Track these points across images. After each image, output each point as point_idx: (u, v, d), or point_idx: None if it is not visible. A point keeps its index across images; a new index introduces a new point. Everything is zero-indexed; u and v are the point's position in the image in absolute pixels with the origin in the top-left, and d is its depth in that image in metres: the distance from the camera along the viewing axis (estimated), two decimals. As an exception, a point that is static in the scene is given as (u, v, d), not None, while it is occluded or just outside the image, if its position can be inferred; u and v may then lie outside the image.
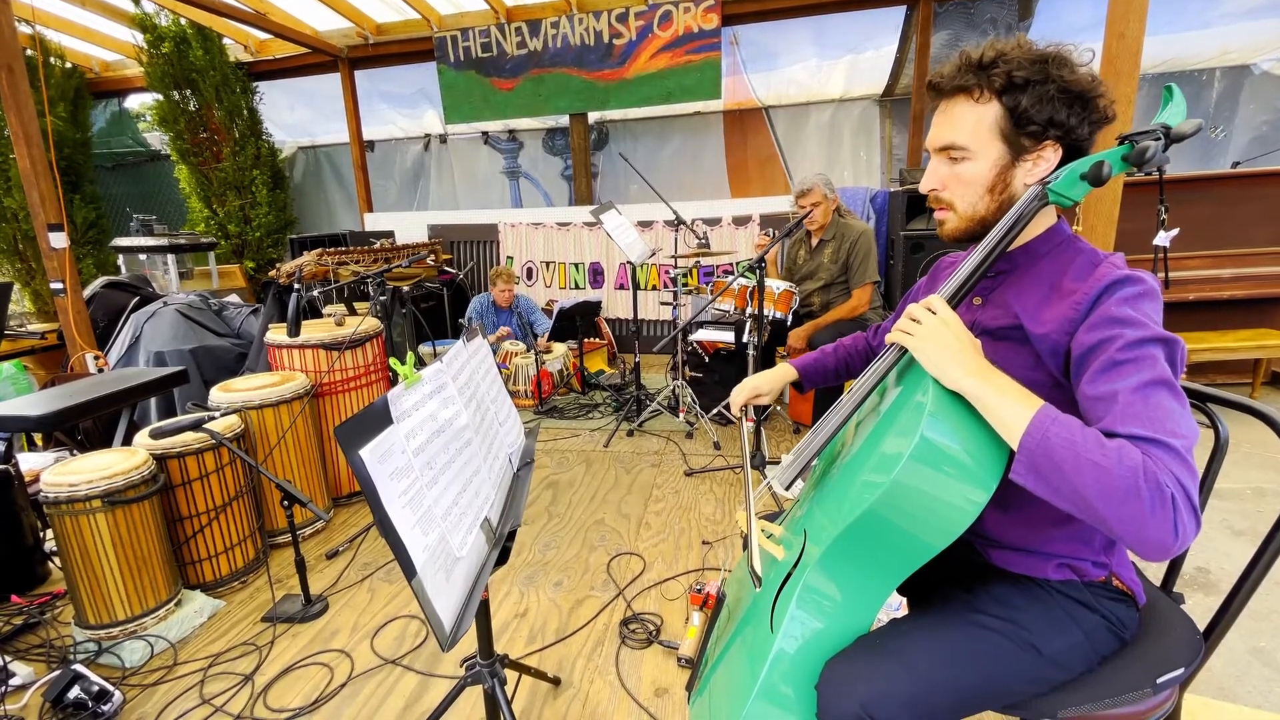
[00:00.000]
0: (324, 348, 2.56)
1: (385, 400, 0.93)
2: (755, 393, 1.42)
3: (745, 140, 5.62)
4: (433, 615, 0.86)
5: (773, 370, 1.48)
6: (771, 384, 1.43)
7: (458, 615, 0.92)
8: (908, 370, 1.04)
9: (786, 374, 1.46)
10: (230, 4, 4.84)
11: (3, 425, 2.10)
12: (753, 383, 1.43)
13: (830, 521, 1.04)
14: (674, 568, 2.16)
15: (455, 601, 0.93)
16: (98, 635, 1.81)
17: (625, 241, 3.10)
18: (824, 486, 1.17)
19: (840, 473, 1.13)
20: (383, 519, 0.84)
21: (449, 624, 0.89)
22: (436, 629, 0.86)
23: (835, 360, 1.48)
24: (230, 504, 2.07)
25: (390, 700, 1.63)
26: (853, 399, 1.09)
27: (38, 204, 3.24)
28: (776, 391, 1.44)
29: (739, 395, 1.42)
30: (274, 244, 5.98)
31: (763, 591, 1.14)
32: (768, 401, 1.45)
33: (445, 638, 0.87)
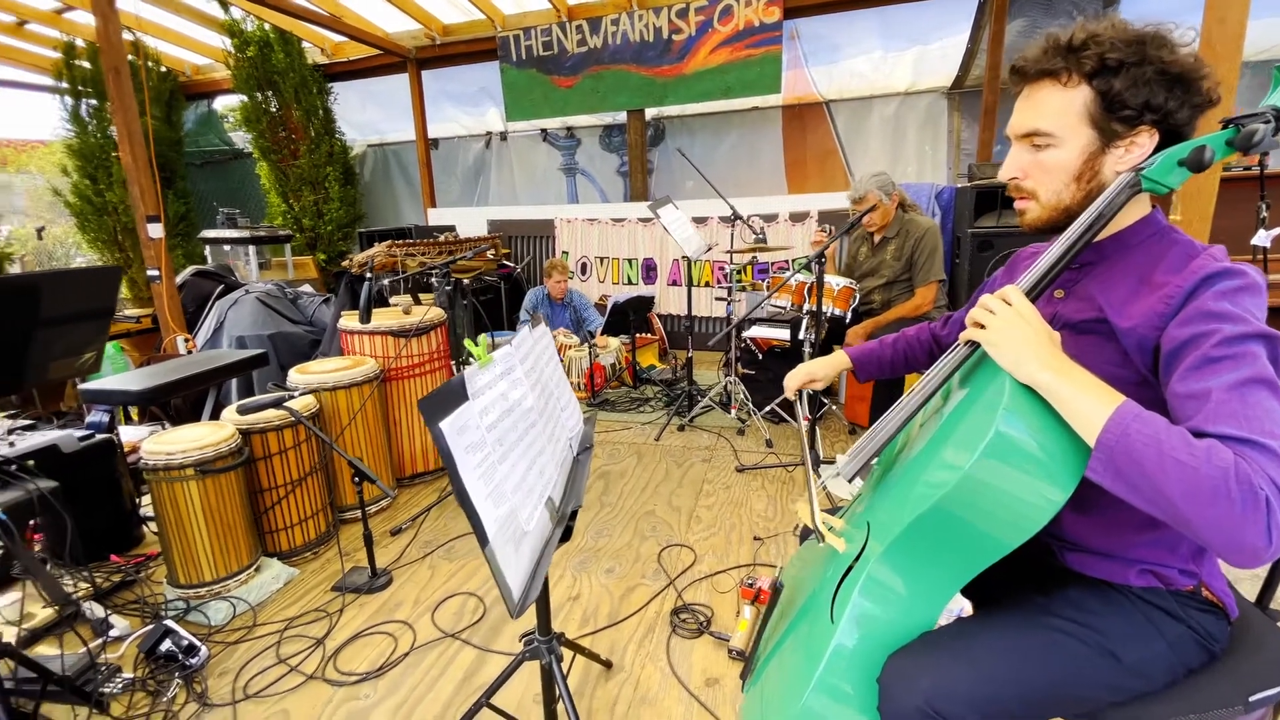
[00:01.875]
0: (392, 335, 2.67)
1: (462, 378, 0.98)
2: (809, 378, 1.42)
3: (804, 135, 5.53)
4: (503, 583, 0.90)
5: (827, 357, 1.47)
6: (826, 370, 1.42)
7: (525, 585, 0.95)
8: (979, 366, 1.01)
9: (840, 362, 1.45)
10: (308, 8, 5.09)
11: (108, 398, 2.29)
12: (807, 368, 1.43)
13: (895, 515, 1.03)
14: (725, 561, 2.16)
15: (523, 573, 0.97)
16: (187, 594, 1.96)
17: (682, 236, 3.11)
18: (888, 482, 1.15)
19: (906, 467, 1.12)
20: (460, 489, 0.88)
21: (518, 593, 0.92)
22: (506, 596, 0.90)
23: (894, 351, 1.45)
24: (305, 479, 2.20)
25: (450, 671, 1.70)
26: (921, 393, 1.07)
27: (138, 197, 3.50)
28: (831, 378, 1.43)
29: (793, 380, 1.42)
30: (344, 237, 6.27)
31: (822, 583, 1.13)
32: (821, 387, 1.44)
33: (514, 605, 0.90)
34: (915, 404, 1.07)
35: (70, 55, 5.96)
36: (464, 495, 0.88)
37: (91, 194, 6.20)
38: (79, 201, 6.22)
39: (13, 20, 5.64)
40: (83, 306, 1.45)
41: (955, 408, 1.03)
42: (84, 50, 5.98)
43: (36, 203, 7.52)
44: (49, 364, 1.46)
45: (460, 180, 6.77)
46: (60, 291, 1.37)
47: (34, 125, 9.77)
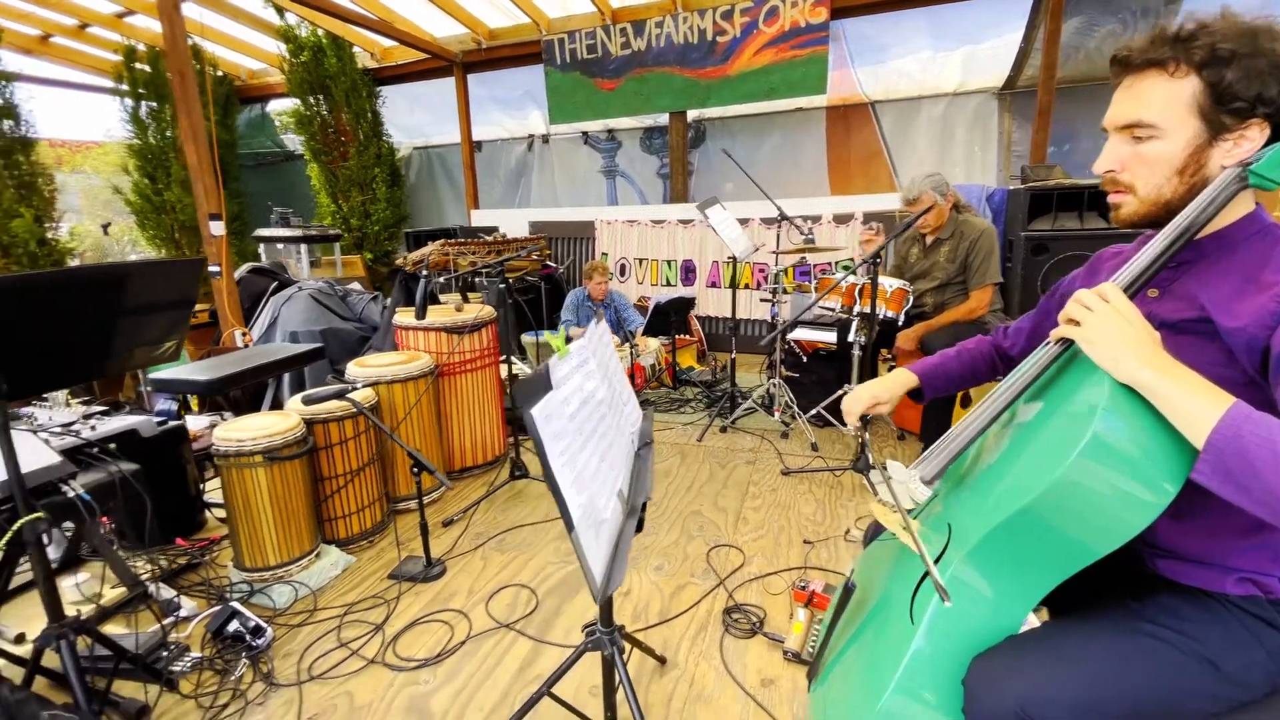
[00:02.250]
0: (446, 331, 2.72)
1: (547, 367, 0.99)
2: (875, 401, 1.31)
3: (848, 136, 5.47)
4: (587, 568, 0.91)
5: (890, 377, 1.38)
6: (891, 392, 1.32)
7: (606, 572, 0.96)
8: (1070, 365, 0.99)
9: (905, 380, 1.35)
10: (359, 13, 5.24)
11: (177, 387, 2.38)
12: (871, 391, 1.32)
13: (980, 518, 1.01)
14: (775, 564, 2.14)
15: (603, 560, 0.98)
16: (251, 578, 2.02)
17: (730, 236, 3.10)
18: (968, 485, 1.13)
19: (988, 470, 1.10)
20: (549, 474, 0.89)
21: (600, 579, 0.93)
22: (590, 581, 0.91)
23: (959, 365, 1.39)
24: (364, 469, 2.26)
25: (505, 661, 1.72)
26: (1007, 394, 1.05)
27: (201, 196, 3.64)
28: (897, 400, 1.33)
29: (856, 405, 1.31)
30: (389, 237, 6.42)
31: (898, 585, 1.12)
32: (887, 410, 1.36)
33: (598, 590, 0.91)
34: (1000, 405, 1.05)
35: (130, 59, 6.21)
36: (552, 480, 0.89)
37: (150, 193, 6.47)
38: (139, 200, 6.49)
39: (74, 23, 5.92)
40: (167, 296, 1.51)
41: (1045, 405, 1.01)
42: (144, 54, 6.23)
43: (92, 201, 7.88)
44: (133, 351, 1.52)
45: (502, 182, 6.87)
46: (146, 281, 1.44)
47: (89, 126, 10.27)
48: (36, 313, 1.24)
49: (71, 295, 1.31)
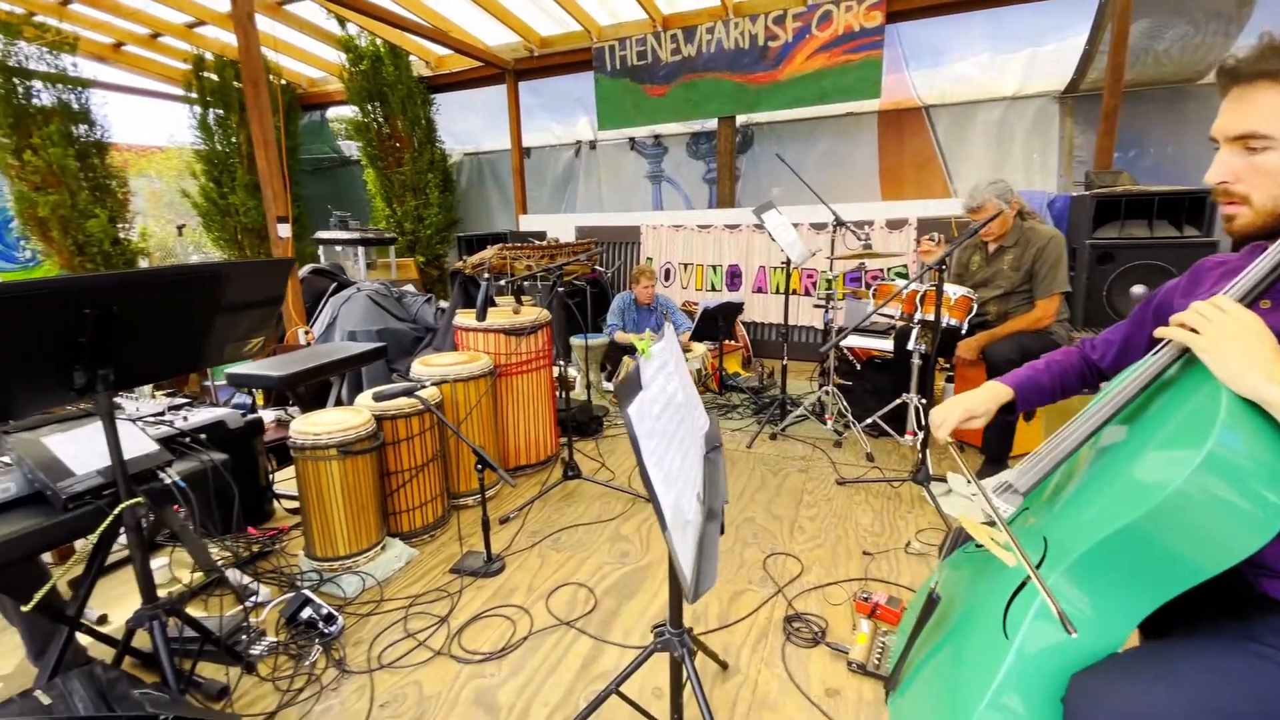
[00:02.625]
0: (504, 333, 2.78)
1: (638, 368, 1.01)
2: (969, 415, 1.27)
3: (901, 141, 5.37)
4: (679, 567, 0.91)
5: (982, 389, 1.33)
6: (985, 405, 1.27)
7: (695, 571, 0.97)
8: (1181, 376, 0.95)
9: (999, 394, 1.30)
10: (417, 22, 5.40)
11: (251, 383, 2.49)
12: (964, 405, 1.27)
13: (1080, 532, 0.98)
14: (834, 574, 2.11)
15: (689, 559, 0.98)
16: (321, 566, 2.09)
17: (786, 241, 3.08)
18: (1067, 497, 1.10)
19: (1088, 482, 1.07)
20: (644, 472, 0.90)
21: (690, 578, 0.94)
22: (682, 579, 0.91)
23: (1049, 378, 1.34)
24: (427, 464, 2.31)
25: (567, 659, 1.74)
26: (1111, 404, 1.01)
27: (270, 199, 3.80)
28: (991, 414, 1.28)
29: (949, 419, 1.27)
30: (441, 240, 6.58)
31: (988, 598, 1.09)
32: (980, 424, 1.32)
33: (690, 590, 0.92)
34: (1103, 418, 1.02)
35: (199, 67, 6.52)
36: (647, 478, 0.90)
37: (216, 196, 6.77)
38: (205, 203, 6.81)
39: (146, 33, 6.25)
40: (258, 295, 1.58)
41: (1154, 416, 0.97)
42: (212, 63, 6.53)
43: (155, 203, 8.28)
44: (226, 346, 1.60)
45: (549, 187, 6.97)
46: (241, 280, 1.51)
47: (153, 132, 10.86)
48: (146, 308, 1.32)
49: (177, 292, 1.38)
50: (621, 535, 2.40)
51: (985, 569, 1.18)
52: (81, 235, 5.64)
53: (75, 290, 1.19)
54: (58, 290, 1.17)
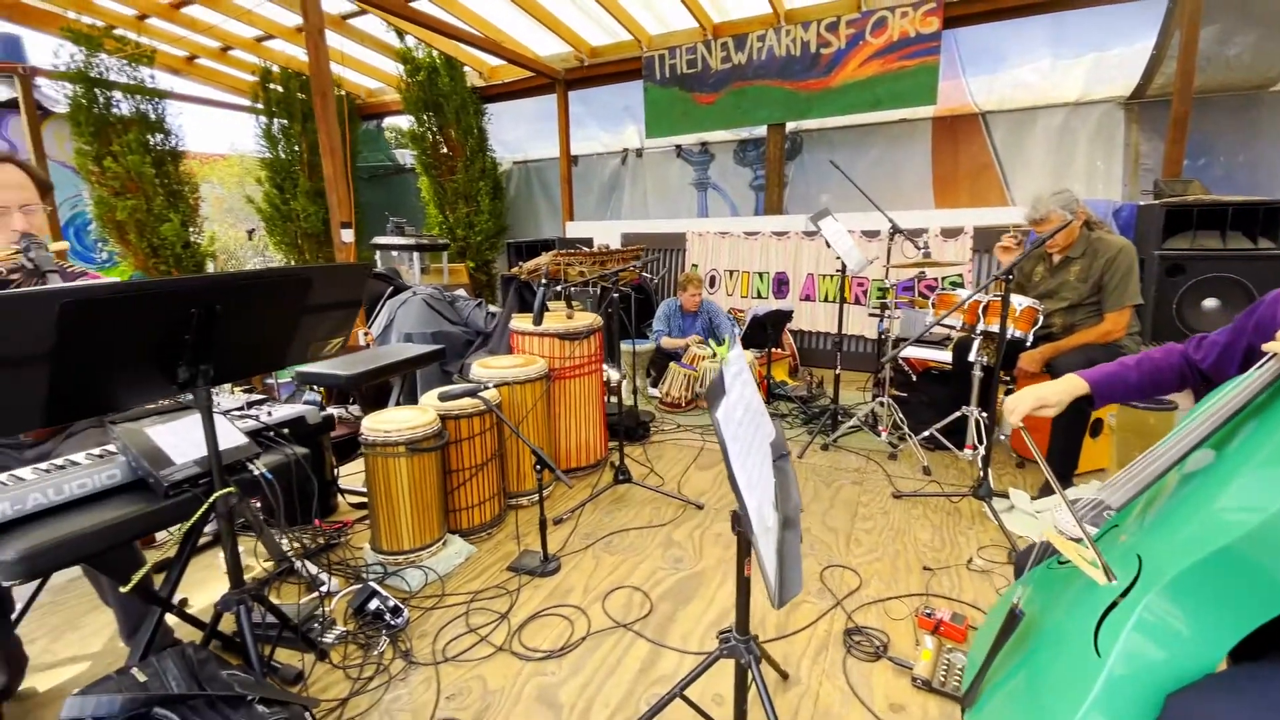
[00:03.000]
0: (559, 337, 2.82)
1: (722, 373, 1.02)
2: (1040, 404, 1.34)
3: (956, 148, 5.26)
4: (765, 573, 0.92)
5: (1059, 381, 1.38)
6: (1059, 396, 1.34)
7: (778, 578, 0.97)
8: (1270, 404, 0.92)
9: (1075, 386, 1.36)
10: (472, 33, 5.55)
11: (321, 381, 2.59)
12: (1037, 392, 1.35)
13: (1177, 551, 0.95)
14: (894, 588, 2.07)
15: (771, 565, 0.98)
16: (385, 560, 2.16)
17: (843, 249, 3.05)
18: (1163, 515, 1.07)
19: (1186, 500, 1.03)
20: (731, 476, 0.91)
21: (774, 584, 0.94)
22: (768, 585, 0.92)
23: (1139, 375, 1.34)
24: (486, 464, 2.37)
25: (626, 661, 1.75)
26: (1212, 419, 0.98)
27: (335, 205, 3.96)
28: (1064, 405, 1.34)
29: (1021, 405, 1.33)
30: (490, 247, 6.73)
31: (1077, 615, 1.06)
32: (1053, 414, 1.36)
33: (774, 595, 0.92)
34: (1205, 431, 0.99)
35: (266, 79, 6.83)
36: (734, 482, 0.91)
37: (279, 202, 7.07)
38: (268, 208, 7.12)
39: (217, 46, 6.58)
40: (339, 297, 1.65)
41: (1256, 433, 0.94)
42: (278, 75, 6.83)
43: (217, 208, 8.70)
44: (309, 346, 1.67)
45: (595, 195, 7.06)
46: (326, 283, 1.57)
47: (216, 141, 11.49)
48: (244, 307, 1.39)
49: (272, 293, 1.46)
50: (674, 541, 2.40)
51: (1072, 586, 1.15)
52: (156, 238, 5.96)
53: (186, 290, 1.26)
54: (171, 290, 1.25)
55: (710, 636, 1.85)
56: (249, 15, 5.51)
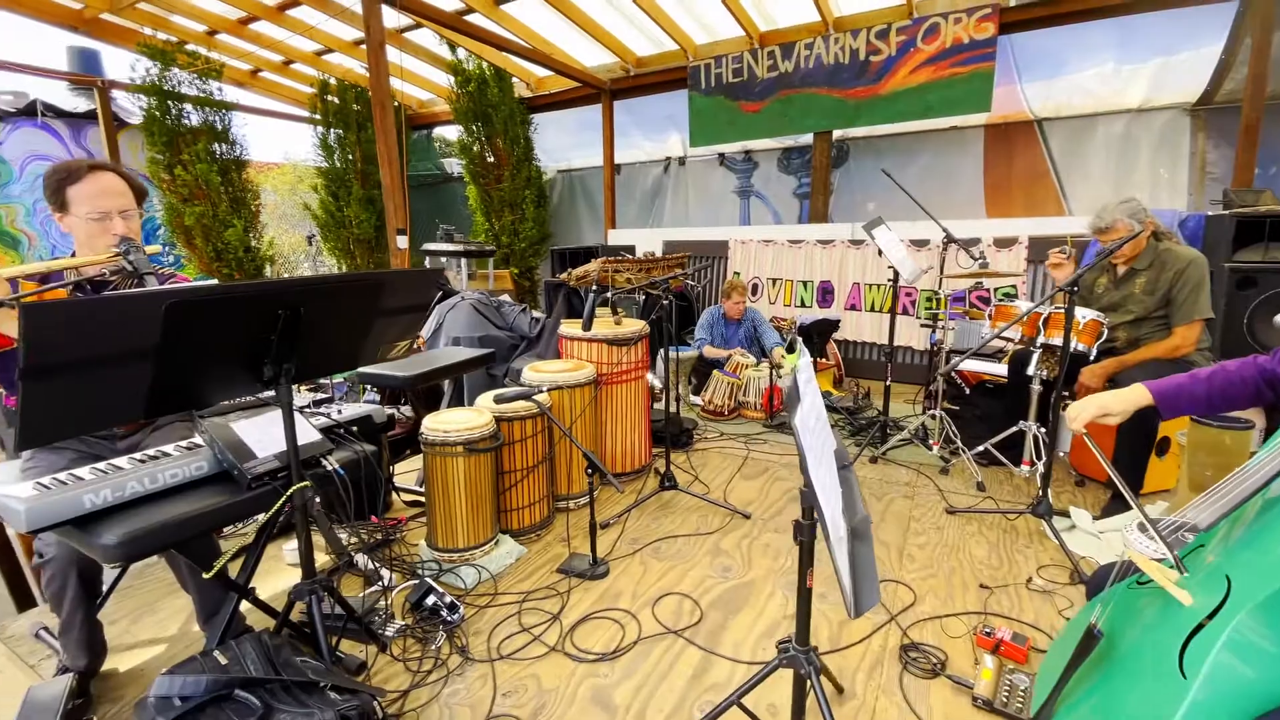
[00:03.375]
0: (608, 343, 2.86)
1: (795, 379, 1.03)
2: (1103, 411, 1.32)
3: (1010, 156, 5.14)
4: (843, 582, 0.92)
5: (1123, 390, 1.36)
6: (1123, 405, 1.32)
7: (852, 588, 0.97)
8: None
9: (1139, 397, 1.33)
10: (521, 45, 5.68)
11: (382, 382, 2.68)
12: (1100, 400, 1.34)
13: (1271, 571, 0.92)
14: (950, 606, 2.03)
15: (845, 575, 0.98)
16: (440, 556, 2.21)
17: (896, 258, 3.01)
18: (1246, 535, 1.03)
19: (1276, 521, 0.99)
20: (808, 482, 0.92)
21: (849, 594, 0.94)
22: (844, 594, 0.92)
23: (1208, 388, 1.30)
24: (537, 466, 2.41)
25: (678, 667, 1.76)
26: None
27: (392, 213, 4.09)
28: (1127, 414, 1.33)
29: (1084, 412, 1.33)
30: (534, 254, 6.84)
31: (1159, 634, 1.03)
32: (1115, 422, 1.33)
33: (850, 605, 0.92)
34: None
35: (324, 91, 7.11)
36: (811, 490, 0.91)
37: (333, 209, 7.34)
38: (324, 215, 7.39)
39: (280, 60, 6.87)
40: (409, 301, 1.71)
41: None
42: (335, 87, 7.10)
43: (271, 214, 9.06)
44: (379, 348, 1.74)
45: (637, 203, 7.12)
46: (399, 287, 1.64)
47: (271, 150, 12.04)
48: (326, 309, 1.46)
49: (351, 296, 1.52)
50: (722, 550, 2.40)
51: (1152, 607, 1.12)
52: (220, 243, 6.25)
53: (275, 293, 1.33)
54: (262, 293, 1.32)
55: (761, 647, 1.84)
56: (311, 30, 5.75)
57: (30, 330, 1.02)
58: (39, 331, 1.03)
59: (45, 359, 1.06)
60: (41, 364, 1.06)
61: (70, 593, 1.54)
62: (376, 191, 7.03)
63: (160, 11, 5.57)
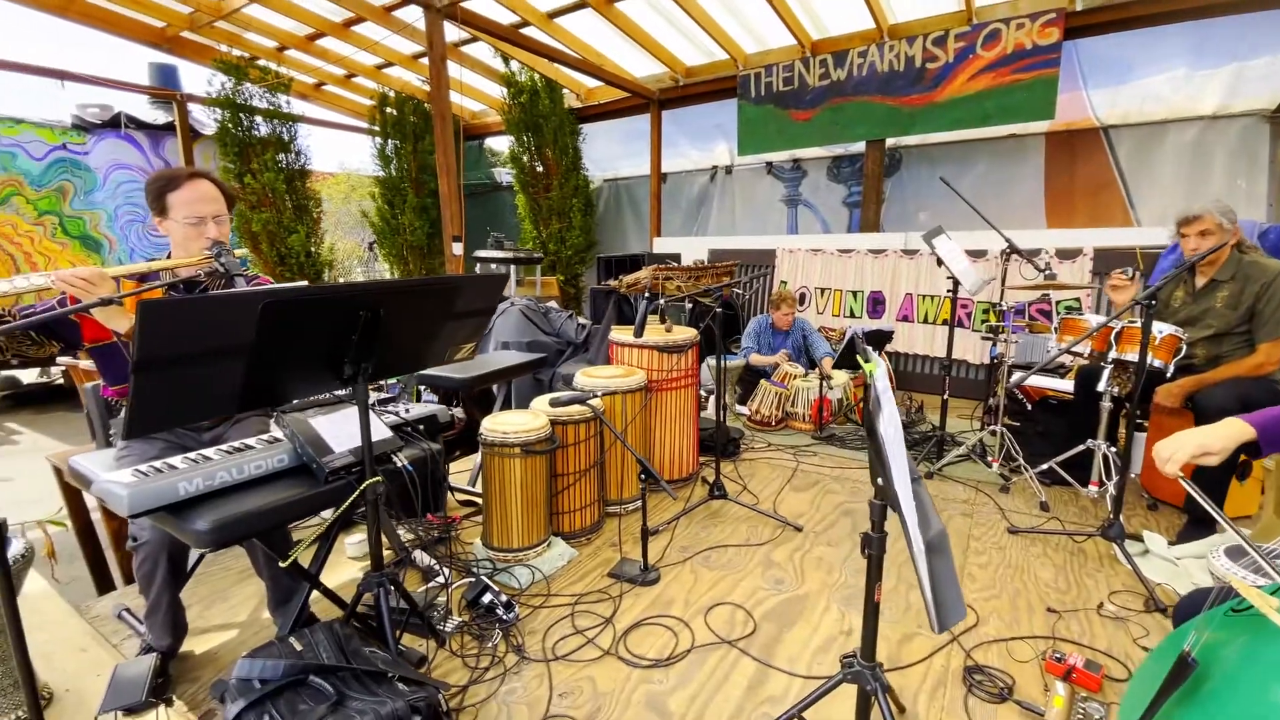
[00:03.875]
0: (659, 350, 2.87)
1: (876, 387, 1.01)
2: (1202, 451, 1.20)
3: (1073, 164, 4.97)
4: (925, 594, 0.90)
5: (1220, 426, 1.24)
6: (1223, 443, 1.20)
7: (933, 602, 0.95)
8: None
9: (1240, 432, 1.22)
10: (572, 56, 5.78)
11: (441, 384, 2.76)
12: (1198, 439, 1.21)
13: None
14: (1015, 629, 1.95)
15: (927, 589, 0.96)
16: (495, 556, 2.25)
17: (959, 268, 2.94)
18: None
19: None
20: (896, 493, 0.90)
21: (933, 608, 0.92)
22: (928, 609, 0.90)
23: None
24: (589, 470, 2.43)
25: (733, 677, 1.74)
26: None
27: (448, 220, 4.21)
28: (1227, 453, 1.21)
29: (1180, 452, 1.21)
30: (579, 261, 6.93)
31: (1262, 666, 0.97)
32: (1216, 462, 1.23)
33: (933, 619, 0.90)
34: None
35: (383, 104, 7.37)
36: (896, 499, 0.90)
37: (389, 217, 7.59)
38: (380, 222, 7.65)
39: (342, 74, 7.16)
40: (477, 305, 1.76)
41: None
42: (393, 100, 7.36)
43: (327, 221, 9.41)
44: (447, 349, 1.79)
45: (683, 211, 7.14)
46: (470, 291, 1.69)
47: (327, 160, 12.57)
48: (403, 311, 1.51)
49: (426, 298, 1.58)
50: (773, 562, 2.37)
51: (1252, 635, 1.06)
52: (284, 248, 6.54)
53: (359, 294, 1.39)
54: (348, 294, 1.38)
55: (818, 662, 1.81)
56: (374, 45, 5.99)
57: (144, 326, 1.09)
58: (151, 327, 1.10)
59: (156, 353, 1.13)
60: (152, 358, 1.13)
61: (160, 575, 1.63)
62: (430, 200, 7.25)
63: (236, 29, 5.89)
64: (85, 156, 6.56)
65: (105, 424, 2.07)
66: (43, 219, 6.35)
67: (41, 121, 6.28)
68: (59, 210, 6.44)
